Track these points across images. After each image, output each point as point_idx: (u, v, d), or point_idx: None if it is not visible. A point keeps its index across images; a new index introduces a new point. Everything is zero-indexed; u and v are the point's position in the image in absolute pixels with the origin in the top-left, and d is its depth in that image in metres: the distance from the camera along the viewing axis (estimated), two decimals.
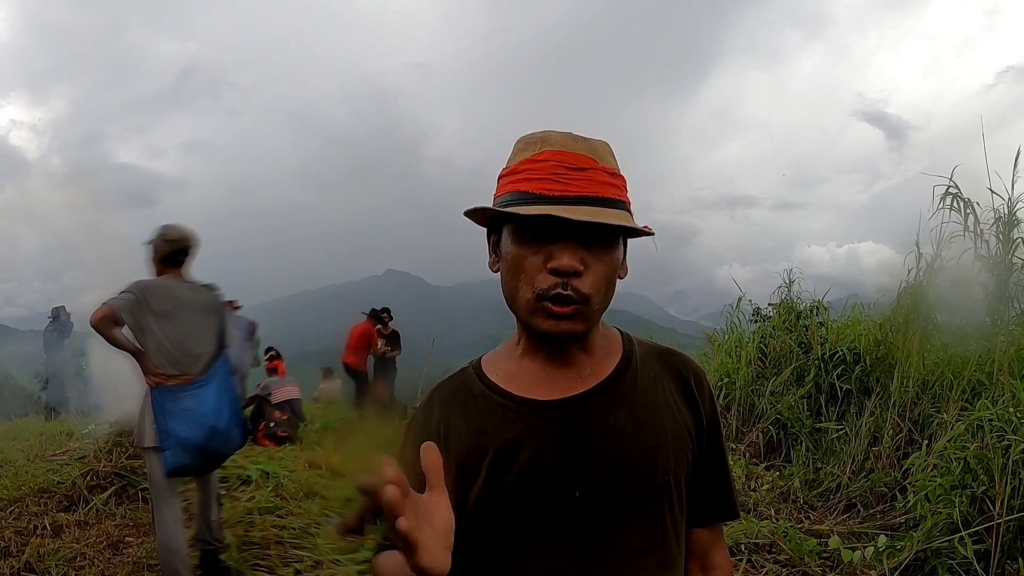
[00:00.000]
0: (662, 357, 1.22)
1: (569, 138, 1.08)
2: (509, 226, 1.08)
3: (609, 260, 1.07)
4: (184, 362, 3.85)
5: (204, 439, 3.76)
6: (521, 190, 1.05)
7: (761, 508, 4.99)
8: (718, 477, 1.23)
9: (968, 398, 4.68)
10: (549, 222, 1.00)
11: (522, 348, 1.17)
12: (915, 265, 5.56)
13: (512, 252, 1.07)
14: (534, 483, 1.07)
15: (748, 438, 6.41)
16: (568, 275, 1.02)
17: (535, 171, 1.05)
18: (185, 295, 3.96)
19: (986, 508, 3.62)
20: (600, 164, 1.07)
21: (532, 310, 1.05)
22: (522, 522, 1.07)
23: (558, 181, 1.03)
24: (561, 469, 1.08)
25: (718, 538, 1.27)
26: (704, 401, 1.20)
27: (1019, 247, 4.78)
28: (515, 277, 1.06)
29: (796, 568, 4.03)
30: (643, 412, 1.13)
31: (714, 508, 1.24)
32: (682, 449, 1.15)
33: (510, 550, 1.08)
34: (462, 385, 1.19)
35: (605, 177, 1.06)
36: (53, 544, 4.60)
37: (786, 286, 7.40)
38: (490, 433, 1.10)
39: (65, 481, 5.56)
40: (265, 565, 4.31)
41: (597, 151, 1.08)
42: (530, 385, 1.13)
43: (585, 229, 1.02)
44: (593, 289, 1.04)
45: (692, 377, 1.21)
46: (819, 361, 6.18)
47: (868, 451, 5.23)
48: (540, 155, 1.06)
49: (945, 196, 5.12)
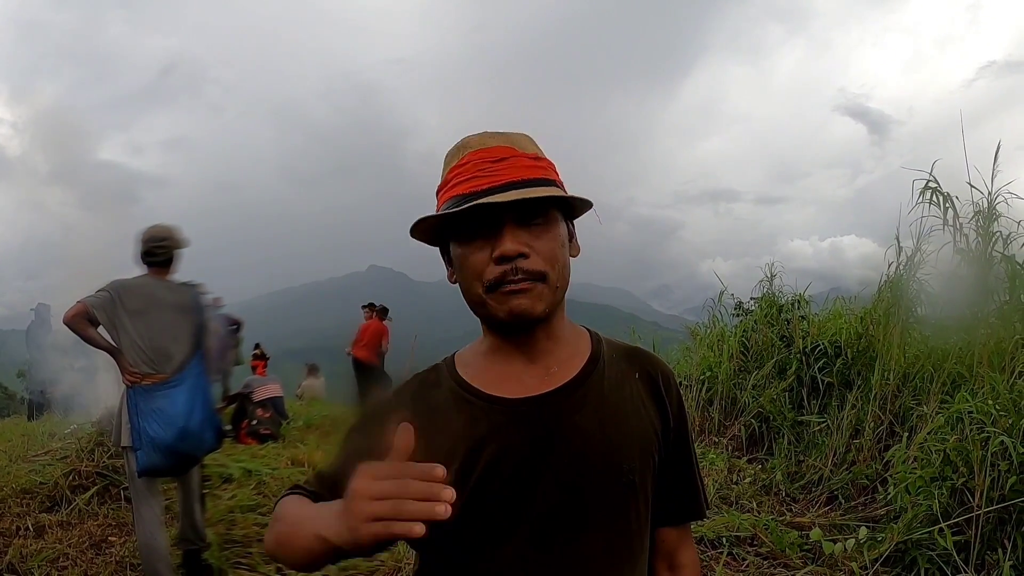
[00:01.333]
0: (630, 357, 1.23)
1: (486, 136, 1.12)
2: (453, 232, 1.10)
3: (551, 236, 1.08)
4: (158, 361, 3.83)
5: (174, 440, 3.73)
6: (453, 195, 1.08)
7: (743, 501, 5.01)
8: (686, 477, 1.25)
9: (948, 391, 4.71)
10: (483, 213, 1.03)
11: (488, 346, 1.18)
12: (896, 259, 5.60)
13: (458, 254, 1.10)
14: (498, 481, 1.07)
15: (730, 431, 6.44)
16: (514, 259, 1.04)
17: (461, 175, 1.08)
18: (160, 294, 3.94)
19: (966, 499, 3.64)
20: (520, 151, 1.10)
21: (486, 301, 1.07)
22: (485, 519, 1.07)
23: (483, 175, 1.06)
24: (525, 468, 1.08)
25: (686, 537, 1.29)
26: (672, 401, 1.22)
27: (998, 241, 4.81)
28: (465, 277, 1.09)
29: (777, 560, 4.04)
30: (609, 412, 1.14)
31: (682, 508, 1.26)
32: (648, 449, 1.16)
33: (473, 547, 1.08)
34: (435, 380, 1.19)
35: (528, 162, 1.09)
36: (36, 545, 4.56)
37: (768, 280, 7.44)
38: (456, 429, 1.10)
39: (47, 481, 5.51)
40: (247, 563, 4.30)
41: (515, 141, 1.11)
42: (498, 383, 1.14)
43: (521, 212, 1.05)
44: (545, 265, 1.06)
45: (660, 377, 1.22)
46: (801, 354, 6.22)
47: (849, 444, 5.26)
48: (463, 159, 1.10)
49: (925, 190, 5.14)
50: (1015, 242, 4.77)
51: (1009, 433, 3.54)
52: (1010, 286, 4.73)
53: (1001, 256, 4.78)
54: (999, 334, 4.52)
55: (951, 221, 5.05)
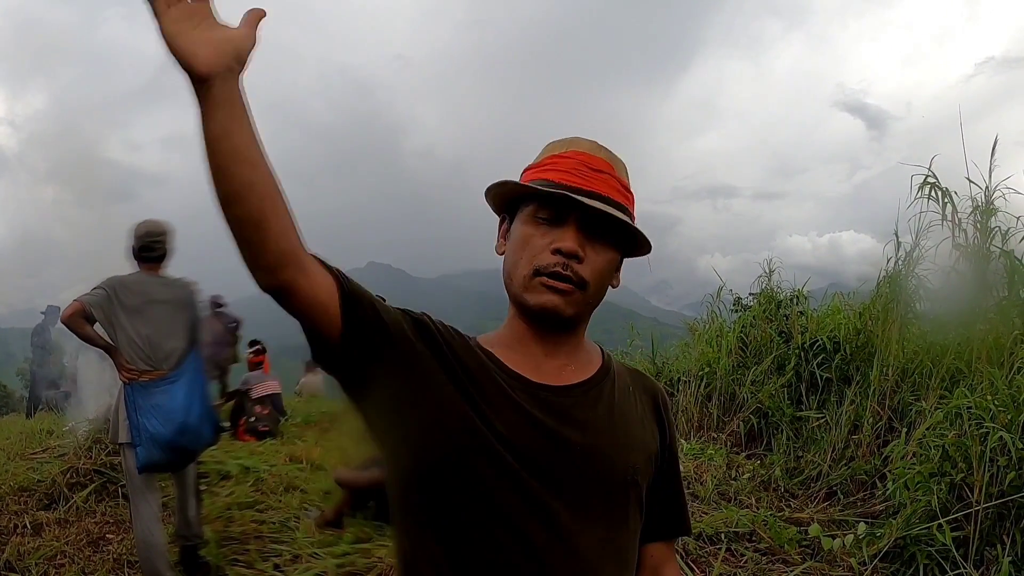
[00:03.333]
0: (634, 375, 1.29)
1: (595, 146, 1.17)
2: (525, 209, 1.14)
3: (607, 258, 1.13)
4: (155, 357, 3.82)
5: (174, 435, 3.73)
6: (544, 178, 1.12)
7: (742, 497, 5.00)
8: (675, 495, 1.30)
9: (947, 386, 4.70)
10: (563, 206, 1.09)
11: (511, 333, 1.19)
12: (894, 254, 5.60)
13: (522, 231, 1.13)
14: (509, 447, 1.06)
15: (729, 427, 6.44)
16: (570, 257, 1.09)
17: (559, 166, 1.13)
18: (156, 290, 3.93)
19: (964, 495, 3.65)
20: (616, 172, 1.15)
21: (527, 286, 1.11)
22: (489, 490, 1.06)
23: (579, 176, 1.11)
24: (536, 447, 1.08)
25: (671, 554, 1.32)
26: (668, 423, 1.28)
27: (996, 236, 4.80)
28: (518, 254, 1.13)
29: (776, 556, 4.04)
30: (619, 415, 1.18)
31: (671, 524, 1.31)
32: (649, 456, 1.21)
33: (473, 520, 1.06)
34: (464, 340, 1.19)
35: (619, 185, 1.15)
36: (33, 542, 4.56)
37: (767, 276, 7.42)
38: (484, 383, 1.11)
39: (45, 479, 5.51)
40: (244, 560, 4.28)
41: (616, 162, 1.17)
42: (519, 364, 1.15)
43: (591, 223, 1.10)
44: (591, 277, 1.11)
45: (659, 398, 1.29)
46: (799, 350, 6.21)
47: (848, 439, 5.26)
48: (567, 153, 1.15)
49: (923, 185, 5.13)
50: (1014, 237, 4.77)
51: (1008, 429, 3.54)
52: (1009, 281, 4.72)
53: (1000, 251, 4.78)
54: (998, 329, 4.52)
55: (950, 216, 5.04)
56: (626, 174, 1.18)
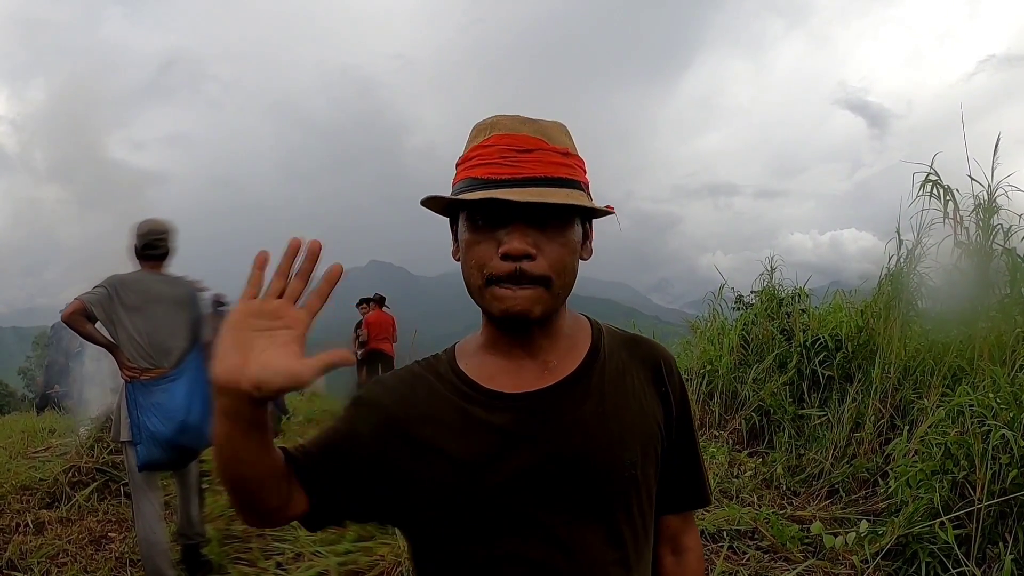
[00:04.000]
0: (630, 346, 1.21)
1: (517, 121, 1.07)
2: (463, 213, 1.07)
3: (564, 241, 1.05)
4: (156, 356, 3.82)
5: (174, 434, 3.73)
6: (471, 176, 1.04)
7: (744, 495, 5.01)
8: (690, 465, 1.24)
9: (949, 384, 4.71)
10: (497, 206, 1.00)
11: (486, 339, 1.16)
12: (896, 252, 5.59)
13: (465, 239, 1.06)
14: (498, 475, 1.06)
15: (731, 425, 6.44)
16: (519, 259, 1.01)
17: (483, 156, 1.04)
18: (157, 288, 3.93)
19: (967, 493, 3.64)
20: (550, 144, 1.05)
21: (483, 296, 1.05)
22: (485, 513, 1.06)
23: (506, 164, 1.02)
24: (525, 463, 1.06)
25: (689, 522, 1.28)
26: (674, 388, 1.20)
27: (998, 234, 4.80)
28: (468, 263, 1.06)
29: (778, 554, 4.04)
30: (610, 406, 1.12)
31: (686, 496, 1.25)
32: (650, 442, 1.14)
33: (473, 540, 1.07)
34: (435, 369, 1.17)
35: (556, 157, 1.05)
36: (36, 541, 4.58)
37: (768, 274, 7.42)
38: (455, 422, 1.09)
39: (47, 477, 5.54)
40: (246, 558, 4.30)
41: (547, 132, 1.07)
42: (497, 376, 1.12)
43: (536, 210, 1.01)
44: (551, 271, 1.03)
45: (662, 363, 1.21)
46: (801, 348, 6.21)
47: (850, 437, 5.26)
48: (489, 140, 1.05)
49: (925, 183, 5.13)
50: (1015, 235, 4.76)
51: (1010, 426, 3.54)
52: (1011, 279, 4.72)
53: (1002, 249, 4.78)
54: (1000, 327, 4.52)
55: (951, 214, 5.04)
56: (565, 134, 1.09)
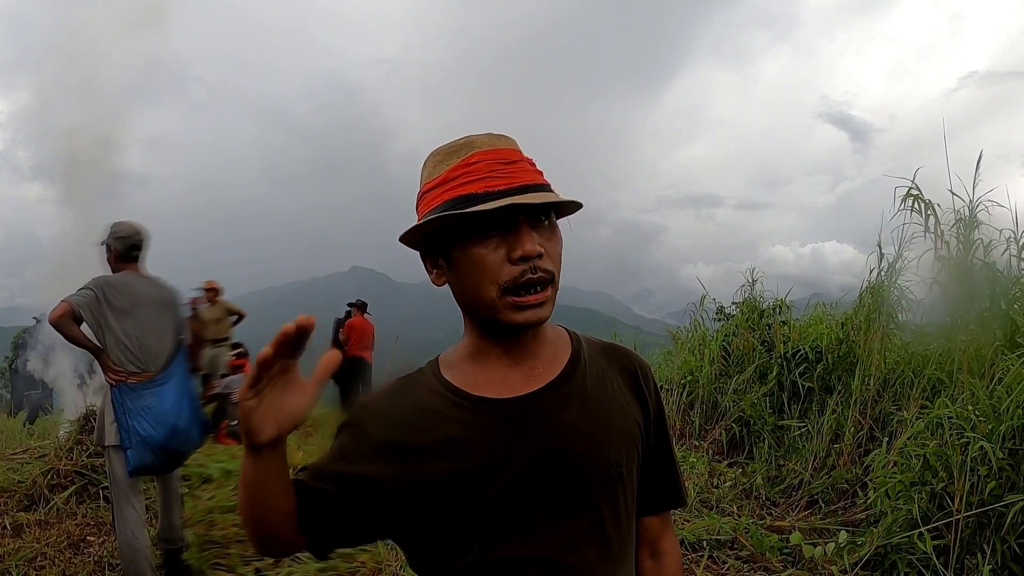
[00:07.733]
0: (608, 353, 1.25)
1: (493, 137, 1.12)
2: (463, 231, 1.07)
3: (557, 239, 1.11)
4: (144, 359, 3.77)
5: (165, 438, 3.69)
6: (463, 194, 1.05)
7: (724, 505, 5.02)
8: (666, 467, 1.29)
9: (928, 396, 4.75)
10: (500, 213, 1.03)
11: (473, 348, 1.17)
12: (877, 265, 5.64)
13: (474, 254, 1.07)
14: (489, 481, 1.08)
15: (711, 435, 6.46)
16: (534, 259, 1.05)
17: (472, 173, 1.07)
18: (143, 291, 3.88)
19: (945, 504, 3.66)
20: (524, 155, 1.12)
21: (497, 307, 1.07)
22: (476, 519, 1.08)
23: (500, 176, 1.06)
24: (515, 467, 1.09)
25: (667, 525, 1.32)
26: (650, 393, 1.25)
27: (979, 248, 4.84)
28: (478, 277, 1.07)
29: (758, 564, 4.05)
30: (594, 408, 1.16)
31: (664, 497, 1.30)
32: (632, 442, 1.19)
33: (464, 544, 1.09)
34: (420, 382, 1.18)
35: (532, 166, 1.11)
36: (13, 544, 4.52)
37: (749, 285, 7.47)
38: (444, 431, 1.11)
39: (25, 480, 5.46)
40: (225, 564, 4.26)
41: (516, 144, 1.13)
42: (484, 384, 1.14)
43: (533, 215, 1.06)
44: (554, 267, 1.08)
45: (639, 369, 1.25)
46: (782, 359, 6.25)
47: (830, 448, 5.29)
48: (471, 158, 1.08)
49: (906, 197, 5.17)
50: (995, 250, 4.81)
51: (988, 438, 3.56)
52: (990, 293, 4.76)
53: (982, 263, 4.82)
54: (979, 340, 4.55)
55: (932, 228, 5.08)
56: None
